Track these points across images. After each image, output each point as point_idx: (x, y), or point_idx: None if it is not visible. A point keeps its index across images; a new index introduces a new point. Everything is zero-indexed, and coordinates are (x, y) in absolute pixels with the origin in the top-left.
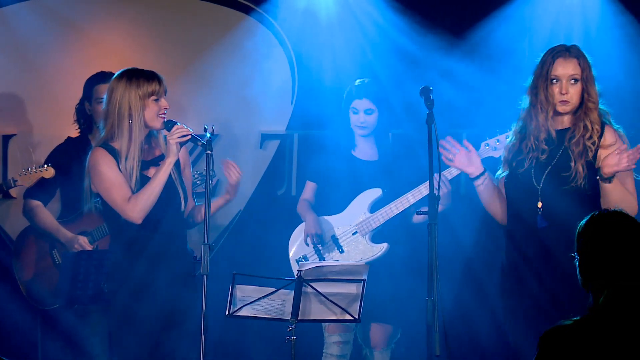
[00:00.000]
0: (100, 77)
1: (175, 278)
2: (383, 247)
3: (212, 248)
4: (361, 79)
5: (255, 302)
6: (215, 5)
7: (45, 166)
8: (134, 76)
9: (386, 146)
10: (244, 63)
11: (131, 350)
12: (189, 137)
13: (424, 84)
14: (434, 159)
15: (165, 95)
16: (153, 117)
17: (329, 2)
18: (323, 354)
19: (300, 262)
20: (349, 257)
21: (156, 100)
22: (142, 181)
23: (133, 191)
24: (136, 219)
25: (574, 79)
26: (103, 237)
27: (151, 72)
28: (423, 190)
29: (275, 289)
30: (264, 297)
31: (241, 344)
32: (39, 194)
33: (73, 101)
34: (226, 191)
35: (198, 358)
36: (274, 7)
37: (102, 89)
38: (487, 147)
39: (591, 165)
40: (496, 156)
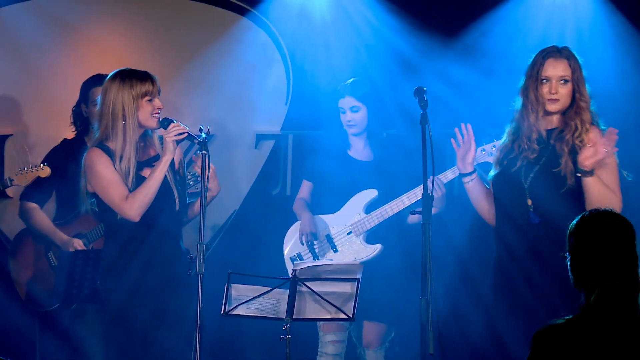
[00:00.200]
0: (96, 80)
1: (170, 277)
2: (377, 248)
3: (208, 247)
4: (351, 79)
5: (250, 301)
6: (210, 6)
7: (41, 165)
8: (127, 77)
9: (381, 146)
10: (239, 64)
11: (126, 349)
12: (186, 135)
13: (418, 85)
14: (428, 159)
15: (158, 95)
16: (147, 118)
17: (323, 3)
18: (318, 353)
19: (294, 261)
20: (343, 257)
21: (150, 100)
22: (137, 181)
23: (130, 190)
24: (134, 217)
25: (564, 80)
26: (98, 239)
27: (144, 73)
28: (418, 192)
29: (270, 288)
30: (259, 296)
31: (236, 343)
32: (35, 196)
33: (69, 102)
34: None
35: (193, 357)
36: (269, 9)
37: (99, 92)
38: (484, 152)
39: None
40: (492, 161)
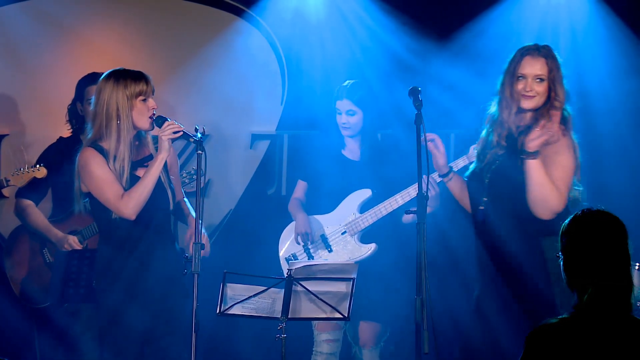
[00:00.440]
0: (92, 78)
1: (165, 276)
2: (371, 248)
3: (203, 247)
4: (349, 81)
5: (245, 301)
6: (206, 7)
7: (37, 166)
8: (122, 76)
9: (375, 146)
10: (235, 64)
11: (122, 348)
12: (181, 134)
13: (413, 85)
14: (423, 159)
15: (152, 95)
16: (141, 117)
17: (319, 4)
18: (313, 352)
19: (289, 261)
20: (338, 257)
21: (144, 100)
22: (132, 181)
23: (125, 189)
24: (130, 216)
25: (540, 78)
26: (93, 236)
27: (138, 72)
28: (412, 192)
29: (265, 288)
30: (255, 296)
31: (232, 342)
32: (31, 194)
33: (65, 101)
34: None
35: (189, 356)
36: (264, 9)
37: (94, 90)
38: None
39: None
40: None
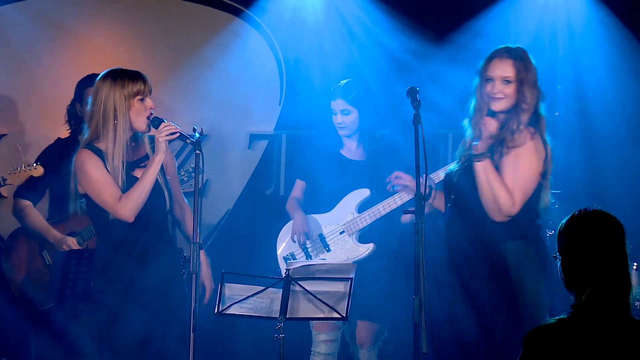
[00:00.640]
0: (91, 80)
1: (164, 277)
2: (369, 247)
3: (201, 247)
4: (344, 80)
5: (244, 301)
6: (204, 7)
7: (34, 165)
8: (119, 76)
9: (373, 146)
10: (233, 64)
11: (120, 348)
12: (178, 135)
13: (411, 85)
14: (421, 159)
15: (150, 94)
16: (138, 117)
17: (317, 4)
18: (311, 352)
19: (287, 261)
20: (336, 256)
21: (141, 100)
22: (129, 181)
23: (122, 190)
24: (128, 218)
25: (507, 80)
26: (92, 237)
27: (136, 72)
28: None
29: (263, 288)
30: (253, 296)
31: (230, 342)
32: (29, 194)
33: (63, 102)
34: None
35: (187, 356)
36: (263, 9)
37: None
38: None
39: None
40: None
